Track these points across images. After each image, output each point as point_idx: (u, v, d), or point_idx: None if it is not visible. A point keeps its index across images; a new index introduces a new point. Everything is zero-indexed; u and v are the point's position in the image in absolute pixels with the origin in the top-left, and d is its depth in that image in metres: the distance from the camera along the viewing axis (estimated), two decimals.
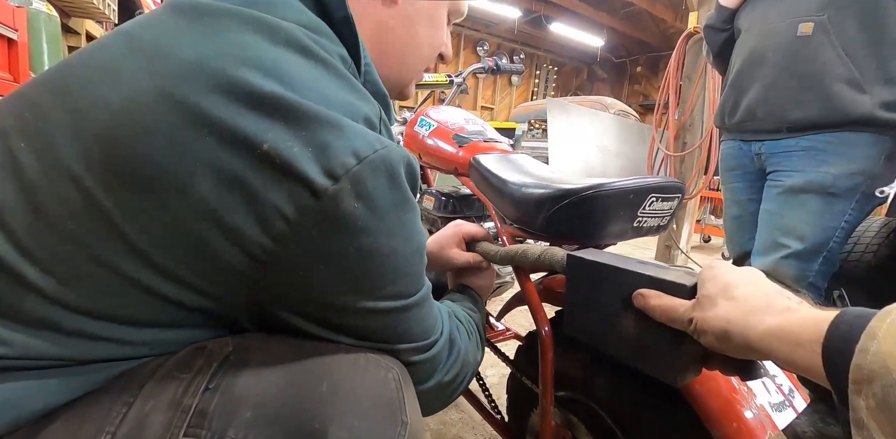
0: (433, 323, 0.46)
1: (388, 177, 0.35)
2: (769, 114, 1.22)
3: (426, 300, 0.44)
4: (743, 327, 0.35)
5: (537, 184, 0.69)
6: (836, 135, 1.12)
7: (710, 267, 0.42)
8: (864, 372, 0.26)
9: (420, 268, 0.42)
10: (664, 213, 0.66)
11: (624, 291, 0.46)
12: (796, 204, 1.18)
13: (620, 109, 4.88)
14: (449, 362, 0.48)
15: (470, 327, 0.57)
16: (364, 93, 0.40)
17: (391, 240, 0.37)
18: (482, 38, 7.70)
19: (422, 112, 1.13)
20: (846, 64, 1.08)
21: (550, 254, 0.59)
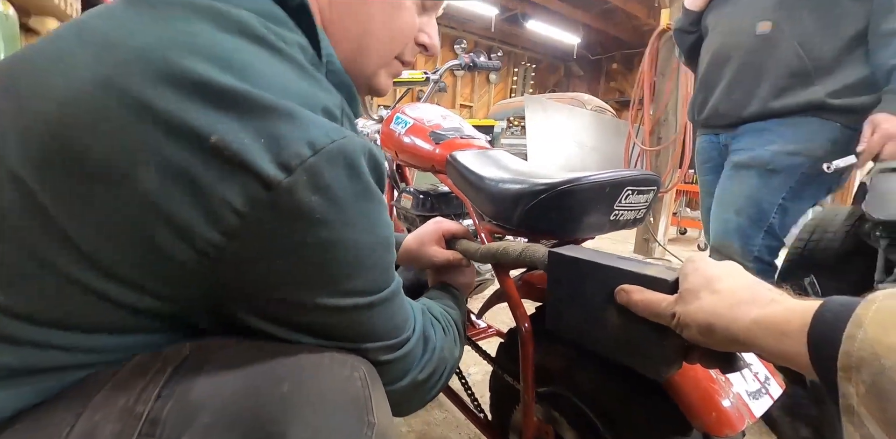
0: (404, 320, 0.45)
1: (348, 168, 0.34)
2: (730, 109, 1.27)
3: (396, 296, 0.42)
4: (728, 320, 0.35)
5: (514, 180, 0.68)
6: (786, 119, 1.17)
7: (691, 260, 0.42)
8: (853, 360, 0.26)
9: (387, 261, 0.41)
10: (640, 206, 0.66)
11: (606, 287, 0.46)
12: (738, 179, 1.23)
13: (597, 106, 4.94)
14: (423, 360, 0.47)
15: (447, 324, 0.56)
16: (324, 83, 0.38)
17: (353, 233, 0.35)
18: (459, 36, 7.69)
19: (398, 109, 1.12)
20: (801, 58, 1.13)
21: (531, 251, 0.58)
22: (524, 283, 0.74)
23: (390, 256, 0.41)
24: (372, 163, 0.37)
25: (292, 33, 0.39)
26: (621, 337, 0.46)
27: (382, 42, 0.49)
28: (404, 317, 0.45)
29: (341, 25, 0.46)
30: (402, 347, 0.44)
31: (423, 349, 0.48)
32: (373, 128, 1.32)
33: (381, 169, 0.39)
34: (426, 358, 0.48)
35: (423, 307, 0.54)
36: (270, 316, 0.37)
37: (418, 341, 0.47)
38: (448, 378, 0.53)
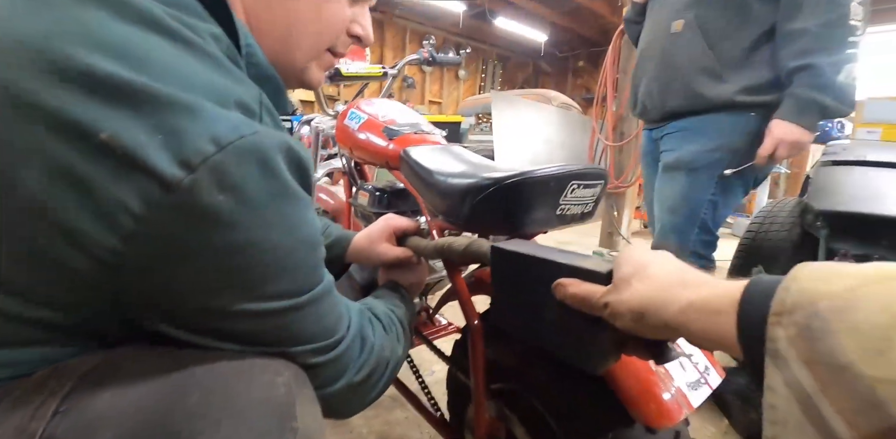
0: (336, 321, 0.43)
1: (261, 166, 0.32)
2: (653, 105, 1.31)
3: (325, 296, 0.41)
4: (659, 304, 0.34)
5: (461, 174, 0.67)
6: (703, 117, 1.21)
7: (625, 250, 0.42)
8: (787, 306, 0.26)
9: (312, 261, 0.39)
10: (587, 200, 0.66)
11: (545, 281, 0.45)
12: (668, 180, 1.28)
13: (563, 102, 5.00)
14: (360, 360, 0.46)
15: (389, 322, 0.55)
16: (239, 75, 0.36)
17: (269, 234, 0.34)
18: (428, 31, 7.64)
19: (353, 104, 1.09)
20: (709, 56, 1.16)
21: (477, 245, 0.57)
22: (476, 280, 0.73)
23: (316, 256, 0.40)
24: (292, 160, 0.35)
25: (205, 23, 0.37)
26: (560, 331, 0.46)
27: (311, 34, 0.47)
28: (336, 318, 0.43)
29: (266, 17, 0.44)
30: (335, 349, 0.43)
31: (360, 349, 0.46)
32: (329, 124, 1.28)
33: (304, 166, 0.37)
34: (363, 358, 0.46)
35: (362, 307, 0.53)
36: (186, 324, 0.35)
37: (353, 342, 0.45)
38: (390, 377, 0.52)
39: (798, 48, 1.05)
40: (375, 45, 6.99)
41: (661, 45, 1.27)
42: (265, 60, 0.43)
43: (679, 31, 1.21)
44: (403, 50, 7.43)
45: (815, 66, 1.02)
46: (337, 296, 0.44)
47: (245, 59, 0.40)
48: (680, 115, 1.26)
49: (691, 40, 1.19)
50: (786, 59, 1.07)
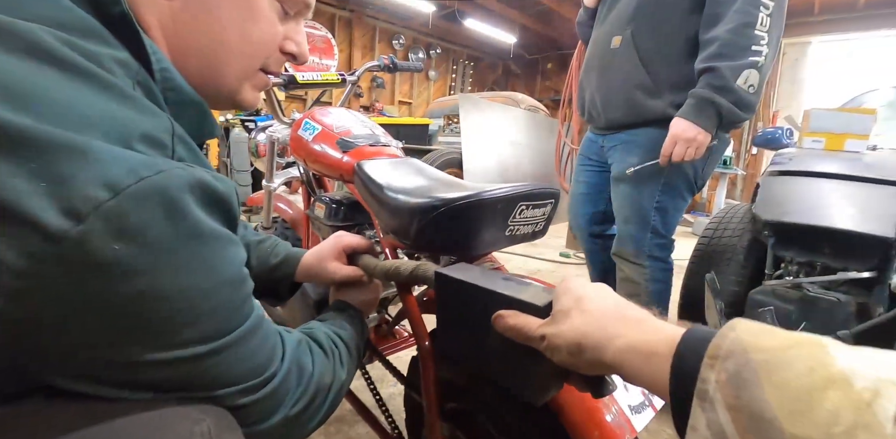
0: (266, 357, 0.41)
1: (165, 208, 0.30)
2: (598, 114, 1.39)
3: (252, 333, 0.39)
4: (598, 340, 0.34)
5: (411, 193, 0.66)
6: (642, 130, 1.28)
7: (564, 282, 0.41)
8: (722, 351, 0.27)
9: (235, 301, 0.37)
10: (538, 219, 0.66)
11: (486, 310, 0.44)
12: (618, 192, 1.36)
13: (531, 105, 5.06)
14: (297, 392, 0.44)
15: (330, 346, 0.53)
16: (146, 105, 0.33)
17: (180, 279, 0.32)
18: (398, 31, 7.58)
19: (307, 114, 1.06)
20: (642, 73, 1.23)
21: (422, 270, 0.56)
22: (428, 299, 0.72)
23: (240, 294, 0.38)
24: (207, 197, 0.33)
25: (108, 48, 0.34)
26: (502, 361, 0.46)
27: (239, 56, 0.44)
28: (267, 354, 0.41)
29: (188, 38, 0.41)
30: (266, 386, 0.41)
31: (297, 380, 0.45)
32: (285, 133, 1.25)
33: (223, 201, 0.35)
34: (300, 390, 0.45)
35: (301, 334, 0.51)
36: (92, 377, 0.32)
37: (288, 374, 0.43)
38: (333, 403, 0.50)
39: (707, 53, 1.11)
40: (344, 45, 6.87)
41: (601, 59, 1.34)
42: (185, 85, 0.40)
43: (617, 48, 1.28)
44: (372, 49, 7.34)
45: (717, 69, 1.08)
46: (267, 329, 0.42)
47: (161, 85, 0.38)
48: (621, 127, 1.33)
49: (628, 57, 1.25)
50: (697, 63, 1.13)
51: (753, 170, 5.96)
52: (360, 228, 1.08)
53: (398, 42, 7.65)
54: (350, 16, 6.90)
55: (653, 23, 1.21)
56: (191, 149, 0.36)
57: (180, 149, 0.35)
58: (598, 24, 1.41)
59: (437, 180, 0.75)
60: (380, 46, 7.39)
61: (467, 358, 0.50)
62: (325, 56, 6.41)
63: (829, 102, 4.75)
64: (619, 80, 1.28)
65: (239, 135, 4.10)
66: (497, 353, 0.45)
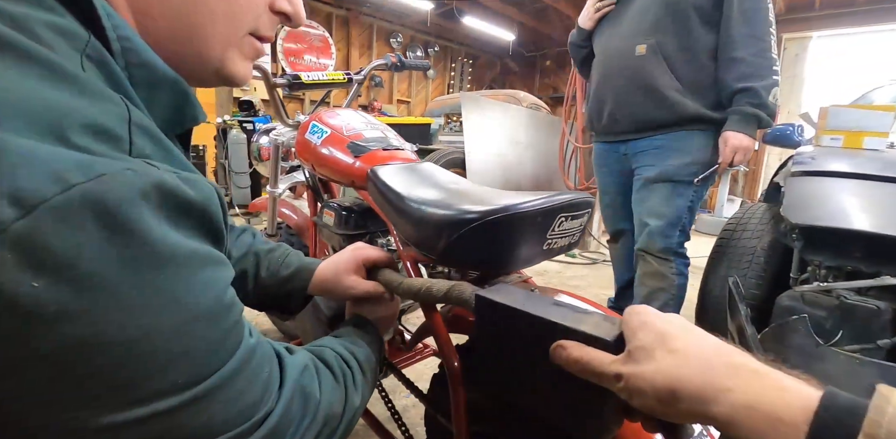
0: (260, 393, 0.34)
1: (104, 226, 0.23)
2: (626, 117, 1.52)
3: (239, 372, 0.32)
4: (702, 390, 0.29)
5: (438, 204, 0.61)
6: (675, 134, 1.44)
7: (636, 313, 0.36)
8: (883, 430, 0.23)
9: (216, 336, 0.30)
10: (574, 231, 0.61)
11: (538, 340, 0.39)
12: (653, 191, 1.49)
13: (532, 103, 5.00)
14: (303, 425, 0.38)
15: (342, 368, 0.47)
16: (93, 87, 0.26)
17: (133, 320, 0.25)
18: (395, 29, 7.50)
19: (315, 116, 1.01)
20: (671, 77, 1.41)
21: (458, 292, 0.51)
22: (453, 317, 0.67)
23: (222, 326, 0.31)
24: (172, 205, 0.26)
25: (41, 11, 0.27)
26: (555, 397, 0.41)
27: (223, 15, 0.36)
28: (260, 390, 0.34)
29: (156, 2, 0.33)
30: (262, 426, 0.34)
31: (302, 412, 0.38)
32: (289, 136, 1.19)
33: (198, 210, 0.28)
34: (307, 421, 0.38)
35: (307, 356, 0.44)
36: None
37: (289, 405, 0.37)
38: (346, 431, 0.45)
39: (739, 73, 1.34)
40: (341, 44, 6.80)
41: (627, 66, 1.48)
42: (155, 58, 0.32)
43: (644, 54, 1.44)
44: (370, 48, 7.27)
45: (754, 89, 1.32)
46: (261, 358, 0.35)
47: (122, 59, 0.30)
48: (656, 128, 1.47)
49: (656, 63, 1.42)
50: (729, 81, 1.36)
51: (755, 166, 5.93)
52: (371, 237, 1.03)
53: (396, 40, 7.58)
54: (347, 14, 6.82)
55: (674, 34, 1.39)
56: (158, 142, 0.29)
57: (141, 142, 0.27)
58: (607, 37, 1.57)
59: (461, 188, 0.69)
60: (377, 45, 7.32)
61: (509, 390, 0.45)
62: (322, 55, 6.33)
63: (829, 99, 4.71)
64: (651, 84, 1.43)
65: (237, 136, 4.03)
66: (549, 388, 0.40)
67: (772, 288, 1.37)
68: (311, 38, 6.16)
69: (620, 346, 0.36)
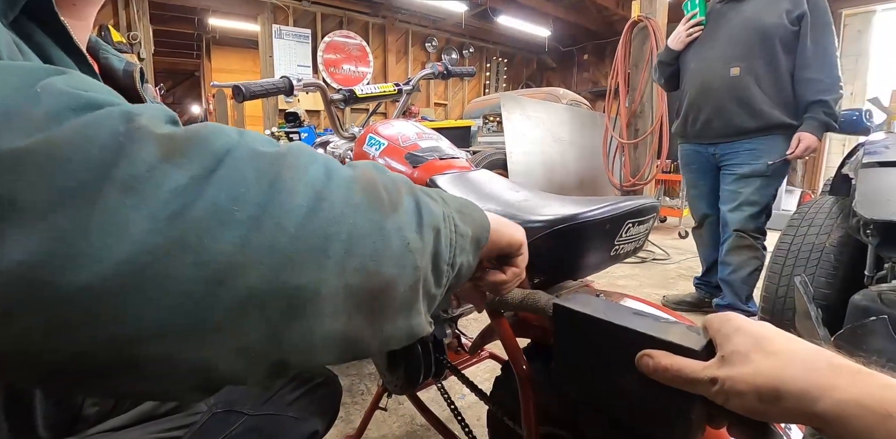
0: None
1: None
2: (723, 124, 1.90)
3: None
4: (806, 388, 0.30)
5: (504, 213, 0.63)
6: (765, 138, 1.84)
7: (726, 319, 0.37)
8: None
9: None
10: (640, 236, 0.62)
11: (621, 348, 0.41)
12: (748, 183, 1.88)
13: (572, 99, 4.92)
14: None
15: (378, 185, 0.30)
16: None
17: None
18: (430, 34, 7.57)
19: (370, 129, 1.05)
20: (762, 94, 1.82)
21: (533, 300, 0.53)
22: (519, 321, 0.69)
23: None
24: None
25: None
26: (640, 403, 0.42)
27: None
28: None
29: None
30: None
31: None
32: (345, 148, 1.25)
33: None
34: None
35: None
36: None
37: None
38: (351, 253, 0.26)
39: (815, 89, 1.75)
40: (378, 51, 6.94)
41: (723, 83, 1.86)
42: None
43: (737, 75, 1.83)
44: (406, 54, 7.37)
45: (827, 102, 1.73)
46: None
47: None
48: (747, 133, 1.86)
49: (747, 82, 1.81)
50: (807, 95, 1.77)
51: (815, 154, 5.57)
52: None
53: (431, 44, 7.65)
54: (383, 22, 6.96)
55: (762, 58, 1.79)
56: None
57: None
58: (700, 58, 1.94)
59: (524, 196, 0.71)
60: (413, 50, 7.42)
61: (593, 398, 0.47)
62: (360, 64, 6.50)
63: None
64: (745, 99, 1.82)
65: None
66: (634, 394, 0.42)
67: (843, 287, 1.30)
68: (349, 47, 6.34)
69: (708, 354, 0.37)
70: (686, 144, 2.09)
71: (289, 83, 0.99)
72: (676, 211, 4.27)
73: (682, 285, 2.60)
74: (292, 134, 4.27)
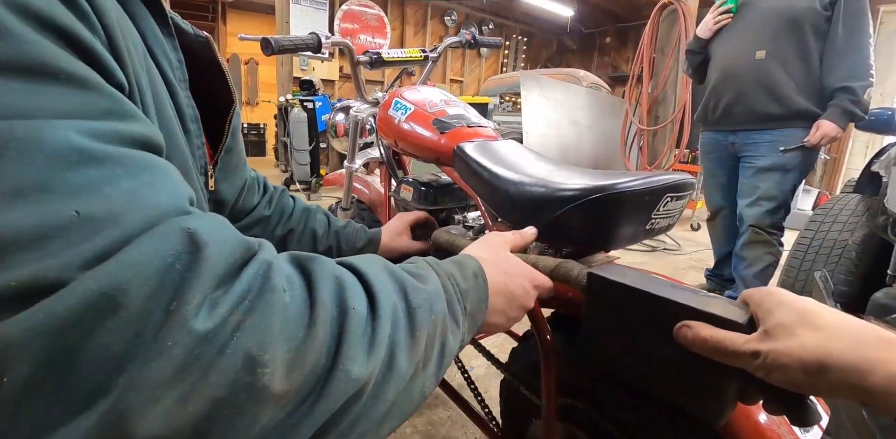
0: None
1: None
2: (744, 109, 1.81)
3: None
4: (856, 361, 0.30)
5: (536, 183, 0.61)
6: (785, 131, 1.74)
7: (767, 293, 0.36)
8: None
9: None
10: (675, 212, 0.60)
11: (658, 320, 0.40)
12: (766, 177, 1.79)
13: (593, 82, 4.81)
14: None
15: (338, 296, 0.28)
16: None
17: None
18: (450, 7, 7.37)
19: (396, 93, 1.02)
20: (787, 78, 1.72)
21: (566, 269, 0.51)
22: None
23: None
24: None
25: None
26: (675, 377, 0.41)
27: None
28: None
29: None
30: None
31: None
32: (368, 112, 1.22)
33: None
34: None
35: (289, 259, 0.29)
36: None
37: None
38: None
39: (841, 75, 1.64)
40: (396, 23, 6.77)
41: (748, 68, 1.77)
42: None
43: (763, 59, 1.74)
44: (424, 26, 7.19)
45: (853, 88, 1.61)
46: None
47: None
48: (768, 120, 1.76)
49: (774, 67, 1.72)
50: (832, 82, 1.66)
51: (837, 155, 5.46)
52: (448, 212, 1.05)
53: (450, 18, 7.45)
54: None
55: (790, 42, 1.69)
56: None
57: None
58: (727, 44, 1.86)
59: (555, 166, 0.69)
60: (431, 23, 7.23)
61: (623, 370, 0.46)
62: (377, 35, 6.35)
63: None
64: (769, 83, 1.73)
65: (298, 114, 4.17)
66: (669, 367, 0.41)
67: (863, 285, 1.29)
68: (367, 17, 6.18)
69: (751, 328, 0.36)
70: (707, 132, 2.02)
71: (317, 40, 0.96)
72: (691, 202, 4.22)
73: (692, 276, 2.59)
74: (306, 102, 4.21)
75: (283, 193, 0.79)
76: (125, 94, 0.28)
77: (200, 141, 0.46)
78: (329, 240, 0.77)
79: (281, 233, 0.74)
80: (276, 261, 0.27)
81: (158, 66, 0.39)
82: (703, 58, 1.98)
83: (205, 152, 0.48)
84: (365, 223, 1.51)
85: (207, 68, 0.52)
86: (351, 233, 0.79)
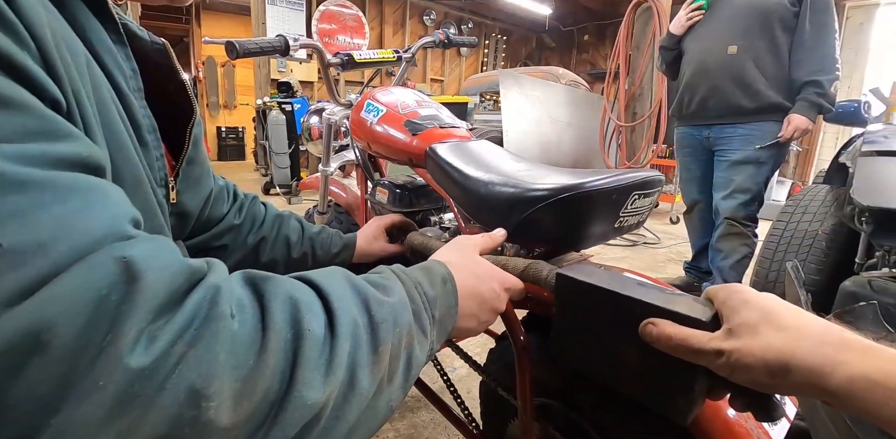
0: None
1: None
2: (717, 104, 1.86)
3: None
4: (817, 363, 0.30)
5: (506, 182, 0.61)
6: (757, 124, 1.80)
7: (732, 291, 0.37)
8: None
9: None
10: (644, 210, 0.60)
11: (625, 319, 0.40)
12: (741, 170, 1.84)
13: (571, 80, 4.85)
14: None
15: (292, 318, 0.27)
16: None
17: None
18: (429, 6, 7.35)
19: (368, 95, 1.01)
20: (757, 72, 1.77)
21: (535, 270, 0.51)
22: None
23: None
24: None
25: None
26: (642, 375, 0.41)
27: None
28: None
29: None
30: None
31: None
32: (341, 115, 1.20)
33: None
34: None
35: (244, 278, 0.28)
36: None
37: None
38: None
39: (808, 69, 1.71)
40: (375, 23, 6.72)
41: (720, 62, 1.82)
42: None
43: (735, 54, 1.79)
44: (403, 26, 7.16)
45: (820, 82, 1.68)
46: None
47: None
48: (741, 114, 1.81)
49: (745, 61, 1.77)
50: (800, 75, 1.73)
51: (808, 146, 5.60)
52: (424, 214, 1.04)
53: (429, 18, 7.43)
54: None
55: (760, 38, 1.75)
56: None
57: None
58: (700, 39, 1.91)
59: (528, 165, 0.69)
60: (410, 23, 7.20)
61: (593, 370, 0.46)
62: (356, 35, 6.30)
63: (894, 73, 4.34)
64: (741, 77, 1.78)
65: (276, 117, 4.11)
66: (635, 366, 0.41)
67: (833, 274, 1.32)
68: (344, 17, 6.13)
69: (715, 326, 0.36)
70: (682, 127, 2.08)
71: (284, 42, 0.94)
72: (669, 196, 4.29)
73: (671, 268, 2.63)
74: (285, 104, 4.16)
75: (255, 201, 0.77)
76: (62, 110, 0.27)
77: (160, 152, 0.44)
78: (304, 247, 0.76)
79: (253, 241, 0.72)
80: (224, 284, 0.26)
81: (109, 75, 0.37)
82: (677, 54, 2.03)
83: (165, 164, 0.46)
84: (343, 227, 1.50)
85: (167, 76, 0.51)
86: (326, 239, 0.78)
